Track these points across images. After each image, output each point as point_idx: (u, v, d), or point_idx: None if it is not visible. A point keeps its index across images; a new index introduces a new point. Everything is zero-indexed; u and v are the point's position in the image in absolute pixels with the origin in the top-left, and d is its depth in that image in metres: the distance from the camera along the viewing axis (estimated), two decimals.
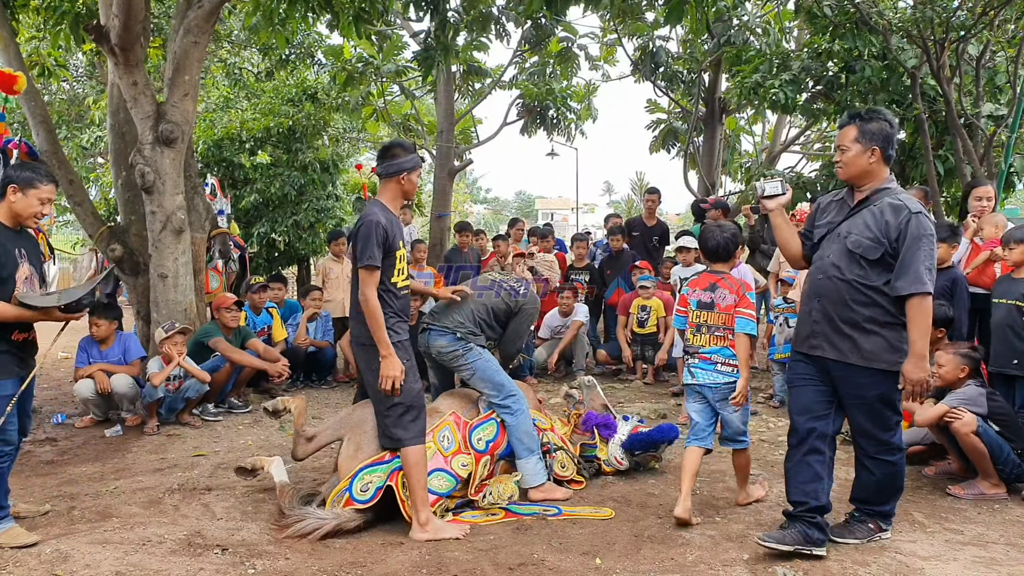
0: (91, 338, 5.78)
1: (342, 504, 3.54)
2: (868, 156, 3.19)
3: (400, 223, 3.72)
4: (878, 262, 3.15)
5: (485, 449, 3.97)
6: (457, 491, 3.82)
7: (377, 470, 3.60)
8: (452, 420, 3.98)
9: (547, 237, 8.52)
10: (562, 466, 4.27)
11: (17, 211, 3.47)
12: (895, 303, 3.14)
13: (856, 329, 3.19)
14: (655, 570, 3.14)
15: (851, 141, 3.23)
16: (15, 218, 3.49)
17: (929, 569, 3.16)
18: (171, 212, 5.99)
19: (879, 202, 3.20)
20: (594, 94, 14.82)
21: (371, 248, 3.44)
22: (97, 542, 3.37)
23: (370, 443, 3.71)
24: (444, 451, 3.81)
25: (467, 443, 3.92)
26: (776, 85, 8.56)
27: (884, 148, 3.19)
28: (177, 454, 4.93)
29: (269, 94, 10.93)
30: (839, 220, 3.32)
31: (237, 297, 6.57)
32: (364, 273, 3.46)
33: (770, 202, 3.44)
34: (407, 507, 3.53)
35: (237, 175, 10.07)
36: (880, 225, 3.14)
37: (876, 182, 3.25)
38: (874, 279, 3.17)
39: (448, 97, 13.42)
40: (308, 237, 10.17)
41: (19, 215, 3.49)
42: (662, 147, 15.27)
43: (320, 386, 7.33)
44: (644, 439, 4.42)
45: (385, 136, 17.79)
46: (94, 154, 14.65)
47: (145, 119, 5.98)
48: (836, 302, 3.23)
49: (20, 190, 3.45)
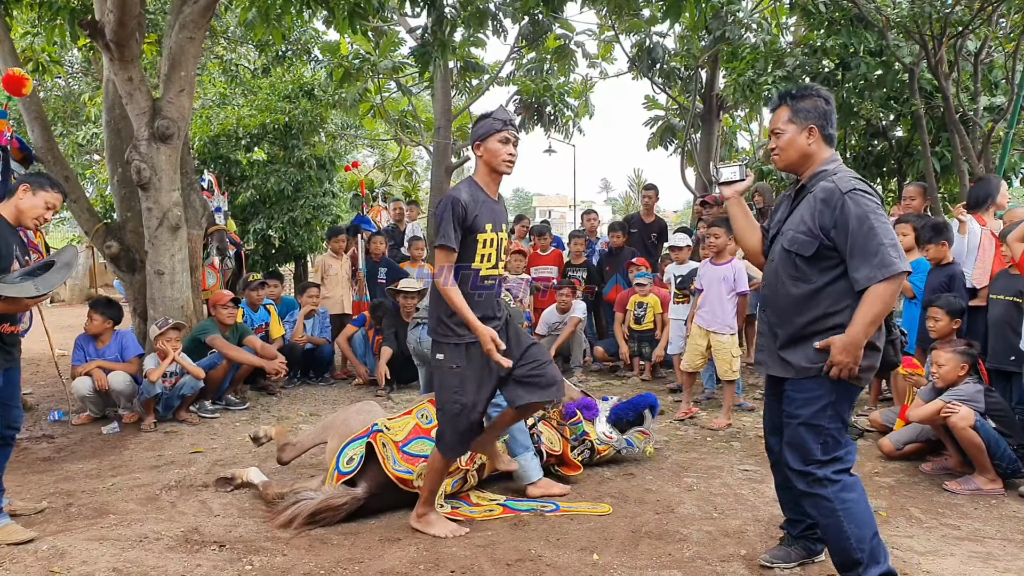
0: (88, 335, 5.77)
1: (332, 483, 3.68)
2: (806, 137, 2.79)
3: (492, 201, 3.31)
4: (814, 258, 2.72)
5: None
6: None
7: (358, 444, 3.74)
8: (430, 403, 4.08)
9: (544, 235, 8.50)
10: (550, 442, 4.31)
11: (22, 209, 3.57)
12: (839, 303, 2.70)
13: (796, 342, 2.78)
14: (653, 566, 3.14)
15: (784, 123, 2.83)
16: (18, 216, 3.58)
17: (926, 564, 3.17)
18: (167, 209, 5.97)
19: (815, 188, 2.77)
20: (591, 91, 14.82)
21: (445, 226, 3.12)
22: (94, 539, 3.36)
23: (353, 433, 3.87)
24: (424, 425, 3.91)
25: None
26: (770, 82, 8.57)
27: (822, 126, 2.80)
28: (174, 451, 4.92)
29: (265, 91, 10.91)
30: (784, 217, 2.91)
31: (234, 294, 6.56)
32: (439, 253, 3.16)
33: (727, 189, 3.05)
34: (388, 465, 3.63)
35: (234, 172, 10.05)
36: (814, 214, 2.71)
37: (815, 165, 2.83)
38: (814, 278, 2.73)
39: (445, 93, 13.40)
40: (304, 234, 10.16)
41: (23, 214, 3.58)
42: (659, 144, 15.27)
43: (318, 383, 7.32)
44: (627, 406, 4.64)
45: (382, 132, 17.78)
46: (90, 151, 14.60)
47: (141, 115, 5.95)
48: (778, 313, 2.84)
49: (31, 190, 3.57)
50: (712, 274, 5.76)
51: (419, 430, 3.90)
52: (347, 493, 3.64)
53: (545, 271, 8.22)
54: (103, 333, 5.77)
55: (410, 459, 3.72)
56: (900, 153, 8.92)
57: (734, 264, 5.75)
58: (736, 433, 5.40)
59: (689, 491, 4.12)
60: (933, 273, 5.13)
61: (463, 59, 13.15)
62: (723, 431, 5.41)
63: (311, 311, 7.38)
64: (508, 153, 3.24)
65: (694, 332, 5.82)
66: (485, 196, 3.26)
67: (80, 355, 5.73)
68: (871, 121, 8.90)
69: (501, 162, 3.25)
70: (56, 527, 3.53)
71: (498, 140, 3.22)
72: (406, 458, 3.72)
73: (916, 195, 6.03)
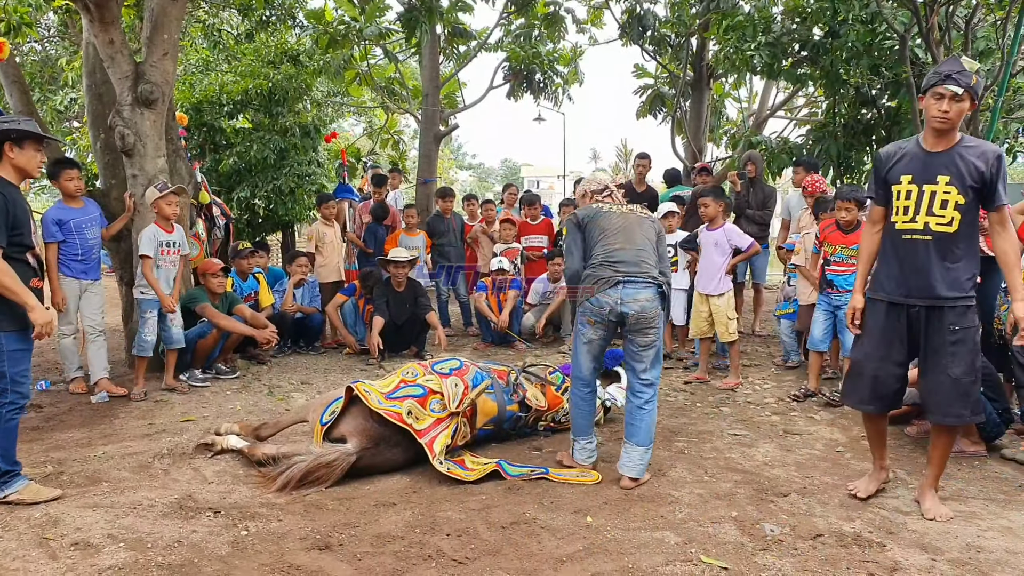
0: (63, 204, 5.48)
1: (319, 440, 3.90)
2: None
3: (924, 153, 3.25)
4: None
5: (449, 373, 4.12)
6: (437, 407, 3.90)
7: (339, 401, 3.96)
8: (415, 363, 4.33)
9: (534, 204, 8.46)
10: (535, 397, 4.43)
11: (22, 165, 3.54)
12: None
13: None
14: (645, 527, 3.18)
15: None
16: (19, 174, 3.55)
17: (911, 524, 3.24)
18: (153, 176, 5.86)
19: None
20: (581, 58, 14.66)
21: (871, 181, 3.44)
22: (87, 506, 3.36)
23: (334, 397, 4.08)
24: (408, 379, 4.04)
25: (430, 370, 4.12)
26: (753, 48, 8.50)
27: None
28: (165, 420, 4.91)
29: (249, 56, 10.67)
30: None
31: (224, 263, 6.49)
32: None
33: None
34: (371, 401, 3.77)
35: (218, 139, 9.88)
36: None
37: None
38: None
39: (433, 60, 13.21)
40: (289, 203, 10.03)
41: (25, 170, 3.56)
42: (649, 112, 15.19)
43: (308, 352, 7.31)
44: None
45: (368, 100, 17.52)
46: (69, 117, 14.28)
47: (123, 79, 5.82)
48: None
49: (14, 145, 3.49)
50: (705, 239, 6.02)
51: (404, 383, 4.00)
52: (338, 450, 3.71)
53: (536, 240, 8.20)
54: (79, 193, 5.50)
55: (397, 399, 3.84)
56: (888, 122, 8.90)
57: (725, 228, 5.97)
58: (726, 399, 5.46)
59: (680, 455, 4.17)
60: None
61: (451, 25, 12.95)
62: (727, 392, 5.68)
63: (301, 280, 7.34)
64: (938, 110, 3.14)
65: (696, 299, 6.04)
66: (908, 145, 3.34)
67: (54, 231, 5.31)
68: (860, 90, 8.86)
69: (931, 118, 3.18)
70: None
71: (931, 96, 3.16)
72: (392, 400, 3.83)
73: None
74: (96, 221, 5.60)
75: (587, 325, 3.80)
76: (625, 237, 3.82)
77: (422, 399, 3.88)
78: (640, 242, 3.83)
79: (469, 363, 4.32)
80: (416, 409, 3.82)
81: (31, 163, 3.56)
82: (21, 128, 3.54)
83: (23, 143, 3.51)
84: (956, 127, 3.16)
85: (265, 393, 5.64)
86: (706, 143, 14.19)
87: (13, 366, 3.38)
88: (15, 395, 3.39)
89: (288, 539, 3.06)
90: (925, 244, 3.19)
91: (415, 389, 3.93)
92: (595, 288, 3.72)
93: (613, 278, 3.69)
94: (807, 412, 5.11)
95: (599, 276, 3.73)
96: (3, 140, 3.50)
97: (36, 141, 3.59)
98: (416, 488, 3.68)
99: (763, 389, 5.74)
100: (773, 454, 4.21)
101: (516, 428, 4.42)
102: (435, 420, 3.85)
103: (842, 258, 5.24)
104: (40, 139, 3.63)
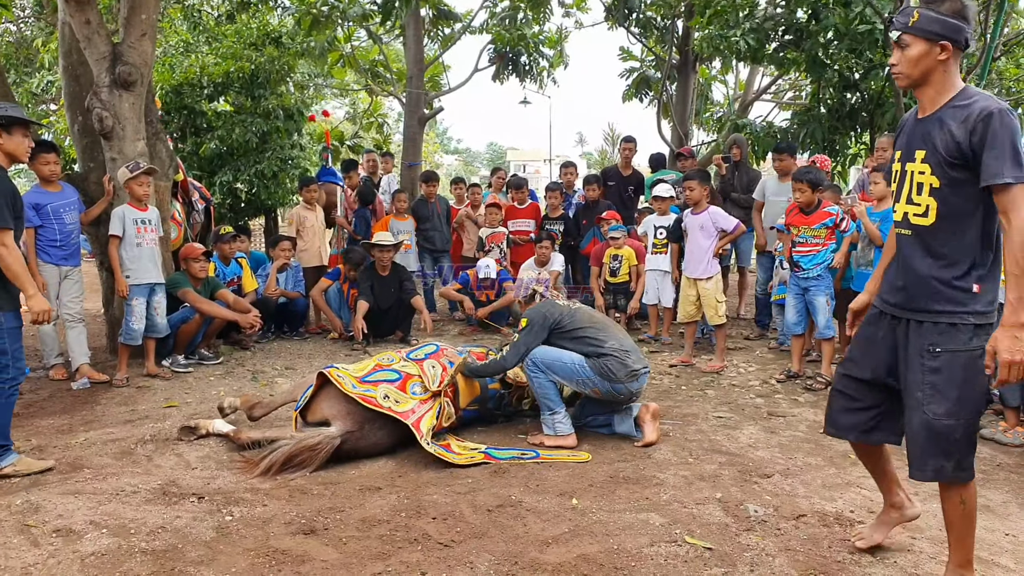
0: (40, 188, 5.39)
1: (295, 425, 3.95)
2: None
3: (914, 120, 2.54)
4: None
5: (425, 358, 4.18)
6: (418, 390, 3.95)
7: (311, 388, 3.98)
8: (393, 349, 4.37)
9: (521, 188, 8.43)
10: (515, 374, 4.46)
11: (11, 150, 3.61)
12: None
13: None
14: (631, 509, 3.20)
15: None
16: (9, 159, 3.64)
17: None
18: (132, 159, 5.77)
19: None
20: (566, 40, 14.59)
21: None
22: (69, 492, 3.33)
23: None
24: (383, 363, 4.10)
25: (405, 358, 4.18)
26: (739, 35, 8.50)
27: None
28: (147, 406, 4.86)
29: (231, 38, 10.51)
30: None
31: (205, 248, 6.42)
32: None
33: None
34: (344, 385, 3.80)
35: (199, 122, 9.74)
36: None
37: None
38: None
39: (417, 42, 13.09)
40: (272, 187, 9.94)
41: (15, 155, 3.64)
42: (635, 95, 15.15)
43: (292, 337, 7.27)
44: None
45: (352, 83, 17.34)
46: (45, 100, 14.03)
47: (100, 60, 5.71)
48: None
49: (4, 131, 3.57)
50: (691, 223, 6.03)
51: (379, 367, 4.04)
52: (321, 433, 3.70)
53: (522, 224, 8.17)
54: (56, 176, 5.42)
55: (371, 383, 3.86)
56: (872, 106, 8.94)
57: (710, 211, 5.99)
58: (710, 382, 5.49)
59: (665, 437, 4.19)
60: None
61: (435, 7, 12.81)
62: (714, 374, 5.72)
63: (284, 265, 7.27)
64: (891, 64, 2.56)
65: (684, 283, 6.07)
66: (912, 114, 2.58)
67: (32, 216, 5.12)
68: (843, 73, 8.88)
69: None
70: (29, 481, 3.48)
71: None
72: (367, 384, 3.85)
73: (888, 146, 6.06)
74: (74, 206, 5.51)
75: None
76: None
77: (399, 383, 3.91)
78: None
79: (445, 346, 4.39)
80: (394, 393, 3.84)
81: (20, 148, 3.64)
82: (9, 115, 3.60)
83: (11, 129, 3.58)
84: (918, 80, 2.42)
85: (249, 379, 5.61)
86: (692, 126, 14.19)
87: (13, 342, 3.52)
88: (15, 371, 3.53)
89: (273, 524, 3.05)
90: (907, 240, 2.48)
91: (390, 374, 3.97)
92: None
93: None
94: (791, 394, 5.15)
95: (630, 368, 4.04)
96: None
97: (24, 126, 3.66)
98: (401, 472, 3.68)
99: (747, 372, 5.78)
100: (757, 436, 4.25)
101: (501, 408, 4.43)
102: (418, 402, 3.86)
103: (805, 239, 5.36)
104: (27, 124, 3.70)
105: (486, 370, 4.20)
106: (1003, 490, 3.47)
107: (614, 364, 3.96)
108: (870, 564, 2.72)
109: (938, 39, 2.34)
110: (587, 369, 3.98)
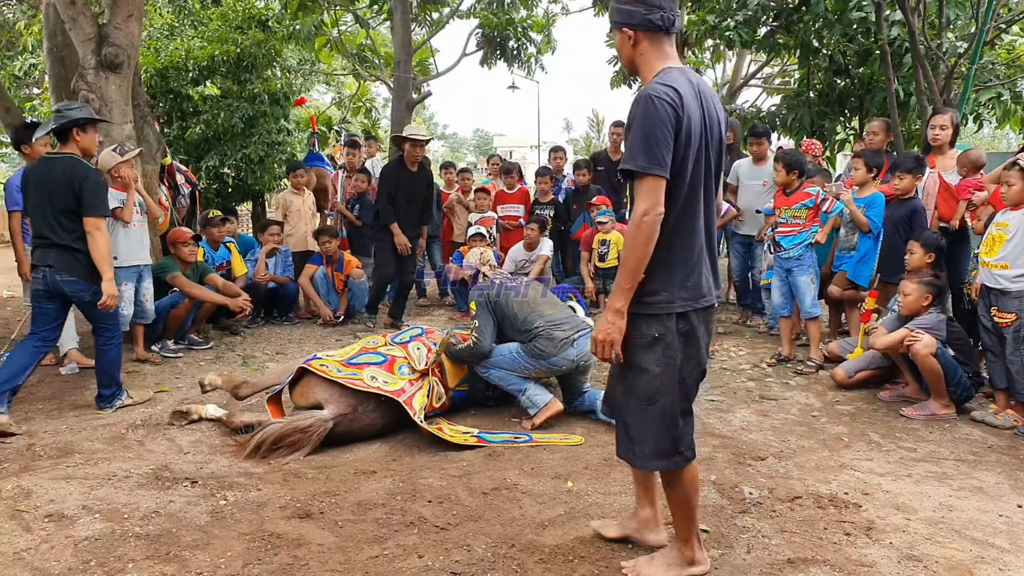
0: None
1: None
2: None
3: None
4: None
5: (409, 340, 4.29)
6: (406, 371, 4.01)
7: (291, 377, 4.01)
8: (381, 336, 4.41)
9: (511, 173, 8.38)
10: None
11: (85, 146, 4.18)
12: None
13: None
14: (625, 492, 3.20)
15: None
16: (83, 154, 4.18)
17: (886, 484, 3.31)
18: (120, 142, 5.68)
19: None
20: (553, 25, 14.50)
21: None
22: (60, 478, 3.29)
23: None
24: (369, 347, 4.18)
25: (389, 343, 4.25)
26: (731, 27, 8.48)
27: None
28: (138, 391, 4.81)
29: (216, 21, 10.35)
30: None
31: (194, 232, 6.34)
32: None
33: None
34: (330, 372, 3.83)
35: (185, 106, 9.61)
36: None
37: None
38: None
39: (405, 27, 12.95)
40: (259, 171, 9.83)
41: (86, 150, 4.20)
42: (623, 82, 15.07)
43: (282, 322, 7.21)
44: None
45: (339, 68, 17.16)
46: (28, 83, 13.81)
47: (86, 42, 5.60)
48: None
49: (81, 129, 4.15)
50: None
51: (364, 350, 4.11)
52: (312, 415, 3.69)
53: (512, 209, 8.14)
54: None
55: (356, 366, 3.89)
56: (862, 90, 8.95)
57: None
58: None
59: None
60: (893, 207, 5.23)
61: None
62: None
63: (273, 249, 7.20)
64: None
65: None
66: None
67: (20, 199, 4.91)
68: (833, 58, 8.89)
69: None
70: (19, 467, 3.44)
71: None
72: (352, 367, 3.88)
73: (879, 130, 6.07)
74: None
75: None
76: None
77: (386, 365, 3.96)
78: None
79: (430, 329, 4.47)
80: (382, 374, 3.88)
81: (93, 144, 4.24)
82: (89, 117, 4.22)
83: (87, 127, 4.17)
84: (630, 69, 2.37)
85: (239, 364, 5.57)
86: None
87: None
88: (117, 329, 4.36)
89: (268, 508, 3.03)
90: None
91: (375, 356, 4.03)
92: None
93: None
94: (782, 378, 5.18)
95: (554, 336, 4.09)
96: (73, 126, 4.12)
97: (94, 124, 4.29)
98: (396, 456, 3.67)
99: (738, 355, 5.81)
100: (750, 419, 4.27)
101: (490, 388, 4.42)
102: (408, 382, 3.91)
103: (786, 219, 5.39)
104: (97, 122, 4.35)
105: (464, 355, 4.24)
106: (995, 471, 3.50)
107: (542, 342, 4.07)
108: (865, 545, 2.74)
109: (620, 27, 2.30)
110: (523, 355, 4.11)
